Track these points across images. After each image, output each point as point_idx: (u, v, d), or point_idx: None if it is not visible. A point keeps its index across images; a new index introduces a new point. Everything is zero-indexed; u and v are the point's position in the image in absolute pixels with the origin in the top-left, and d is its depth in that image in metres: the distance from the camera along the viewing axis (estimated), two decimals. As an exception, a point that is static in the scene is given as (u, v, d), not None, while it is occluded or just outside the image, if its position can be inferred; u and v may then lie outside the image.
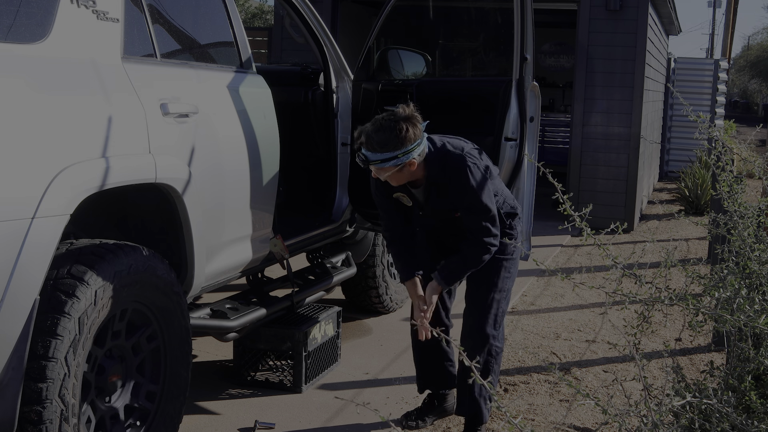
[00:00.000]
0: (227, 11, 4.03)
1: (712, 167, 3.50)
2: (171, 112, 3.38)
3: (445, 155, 3.60)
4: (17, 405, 2.70)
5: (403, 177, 3.57)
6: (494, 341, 3.84)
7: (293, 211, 5.20)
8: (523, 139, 4.53)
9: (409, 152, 3.45)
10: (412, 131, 3.45)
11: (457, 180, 3.58)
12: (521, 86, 4.50)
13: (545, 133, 13.42)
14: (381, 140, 3.43)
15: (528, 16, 4.44)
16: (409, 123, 3.46)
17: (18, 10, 2.92)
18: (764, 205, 3.39)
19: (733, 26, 21.53)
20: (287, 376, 4.45)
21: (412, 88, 5.00)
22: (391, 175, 3.55)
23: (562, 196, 2.82)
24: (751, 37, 66.28)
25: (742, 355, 2.96)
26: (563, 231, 8.92)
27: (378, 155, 3.44)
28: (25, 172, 2.68)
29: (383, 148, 3.43)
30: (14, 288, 2.64)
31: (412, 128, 3.46)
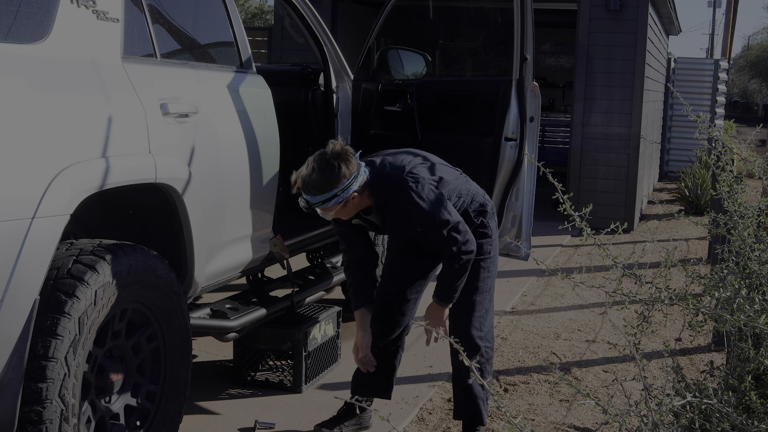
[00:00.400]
0: (227, 11, 4.03)
1: (712, 167, 3.50)
2: (171, 112, 3.38)
3: (386, 178, 3.57)
4: (17, 405, 2.70)
5: (349, 211, 3.56)
6: (482, 342, 3.79)
7: (293, 211, 5.20)
8: (523, 139, 4.53)
9: (347, 188, 3.44)
10: (345, 168, 3.43)
11: (402, 202, 3.54)
12: (521, 86, 4.50)
13: (545, 133, 13.42)
14: (316, 183, 3.41)
15: (528, 16, 4.44)
16: (341, 160, 3.43)
17: (18, 10, 2.92)
18: (764, 205, 3.39)
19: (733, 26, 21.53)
20: (287, 376, 4.45)
21: (412, 88, 5.01)
22: (338, 212, 3.53)
23: (562, 196, 2.82)
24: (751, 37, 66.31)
25: (742, 355, 2.96)
26: (563, 231, 8.92)
27: (318, 197, 3.43)
28: (25, 172, 2.68)
29: (320, 190, 3.42)
30: (14, 288, 2.64)
31: (345, 164, 3.43)
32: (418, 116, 4.94)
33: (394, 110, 5.04)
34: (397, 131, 5.06)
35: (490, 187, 4.58)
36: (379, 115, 5.12)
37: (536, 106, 4.60)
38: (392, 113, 5.05)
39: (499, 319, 5.89)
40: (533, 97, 4.56)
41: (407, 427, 4.11)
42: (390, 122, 5.09)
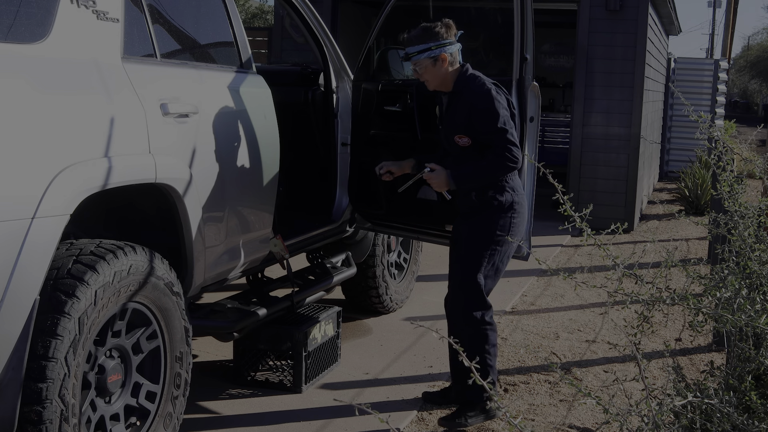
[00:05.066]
0: (227, 11, 4.03)
1: (712, 167, 3.50)
2: (171, 112, 3.38)
3: (472, 78, 4.02)
4: (17, 405, 2.70)
5: (437, 77, 4.02)
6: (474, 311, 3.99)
7: (293, 211, 5.20)
8: (523, 139, 4.52)
9: (441, 46, 3.97)
10: (444, 30, 4.00)
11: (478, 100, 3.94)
12: (521, 86, 4.49)
13: (545, 133, 13.41)
14: (418, 33, 4.00)
15: (528, 16, 4.44)
16: (444, 25, 4.01)
17: (18, 10, 2.92)
18: (765, 205, 3.39)
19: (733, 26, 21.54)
20: (287, 376, 4.45)
21: (412, 88, 5.00)
22: (426, 70, 4.00)
23: (563, 197, 2.82)
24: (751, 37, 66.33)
25: (743, 355, 2.96)
26: (563, 231, 8.92)
27: (415, 47, 3.98)
28: (25, 172, 2.68)
29: (419, 39, 3.98)
30: (14, 288, 2.64)
31: (446, 29, 4.01)
32: (418, 116, 4.93)
33: (394, 110, 5.04)
34: (397, 131, 5.06)
35: (490, 187, 4.57)
36: (379, 115, 5.11)
37: (536, 106, 4.59)
38: (392, 113, 5.04)
39: (499, 319, 5.89)
40: (533, 97, 4.55)
41: (407, 427, 4.11)
42: (390, 122, 5.08)
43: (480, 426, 4.10)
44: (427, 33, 3.98)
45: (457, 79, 4.03)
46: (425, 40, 3.97)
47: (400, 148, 5.08)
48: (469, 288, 3.99)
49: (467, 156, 4.04)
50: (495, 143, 3.91)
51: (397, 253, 6.02)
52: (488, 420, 4.06)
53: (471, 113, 3.96)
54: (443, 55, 3.98)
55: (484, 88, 3.97)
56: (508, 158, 3.90)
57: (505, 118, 3.92)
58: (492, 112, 3.90)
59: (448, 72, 4.02)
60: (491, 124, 3.90)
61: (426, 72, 4.02)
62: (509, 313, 6.14)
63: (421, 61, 3.99)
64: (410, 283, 6.18)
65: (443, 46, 3.98)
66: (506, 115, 3.94)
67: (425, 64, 3.99)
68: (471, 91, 3.98)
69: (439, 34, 3.98)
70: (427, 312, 5.90)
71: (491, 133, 3.91)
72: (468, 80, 4.01)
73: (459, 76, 4.03)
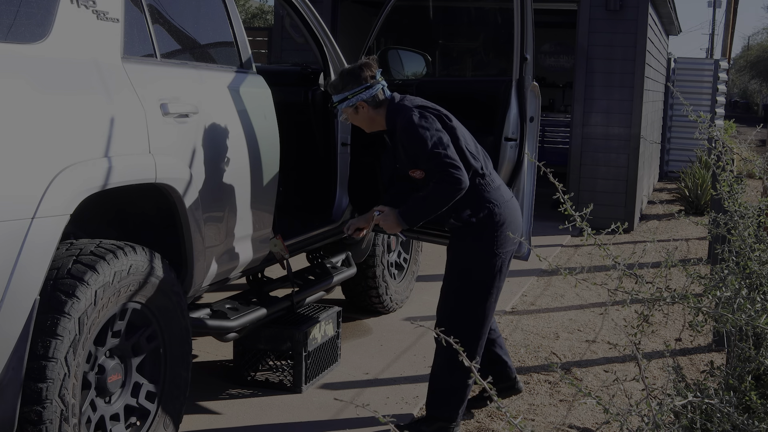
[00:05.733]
0: (227, 11, 4.03)
1: (712, 167, 3.50)
2: (171, 112, 3.38)
3: (397, 111, 3.84)
4: (17, 405, 2.70)
5: (364, 122, 3.92)
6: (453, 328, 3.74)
7: (293, 211, 5.20)
8: (523, 139, 4.52)
9: (356, 94, 3.83)
10: (358, 75, 3.84)
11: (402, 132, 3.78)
12: (521, 86, 4.49)
13: (545, 133, 13.42)
14: (335, 83, 3.91)
15: (528, 16, 4.44)
16: (358, 68, 3.87)
17: (18, 10, 2.92)
18: (764, 205, 3.39)
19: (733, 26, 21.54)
20: (287, 376, 4.45)
21: (412, 88, 5.00)
22: (353, 119, 3.92)
23: (563, 196, 2.82)
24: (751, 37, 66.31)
25: (743, 355, 2.96)
26: (563, 231, 8.92)
27: (335, 97, 3.89)
28: (25, 172, 2.68)
29: (335, 90, 3.89)
30: (14, 288, 2.64)
31: (360, 72, 3.84)
32: (418, 116, 4.93)
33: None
34: (397, 131, 5.06)
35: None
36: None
37: (536, 106, 4.59)
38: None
39: (499, 319, 5.88)
40: (533, 97, 4.55)
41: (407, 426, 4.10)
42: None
43: (480, 426, 4.10)
44: (345, 80, 3.85)
45: (387, 118, 3.86)
46: (341, 90, 3.85)
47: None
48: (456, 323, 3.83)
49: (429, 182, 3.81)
50: (432, 170, 3.68)
51: (397, 253, 6.02)
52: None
53: (404, 148, 3.80)
54: (360, 103, 3.83)
55: (405, 118, 3.77)
56: (449, 181, 3.63)
57: (435, 139, 3.68)
58: (418, 140, 3.69)
59: (374, 115, 3.87)
60: (422, 152, 3.69)
61: (353, 119, 3.92)
62: (509, 313, 6.14)
63: (344, 110, 3.89)
64: (410, 283, 6.18)
65: (358, 93, 3.83)
66: (437, 136, 3.69)
67: (348, 113, 3.89)
68: (398, 127, 3.81)
69: (355, 80, 3.82)
70: (427, 312, 5.90)
71: (426, 160, 3.69)
72: (395, 116, 3.83)
73: (387, 114, 3.86)
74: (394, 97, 3.88)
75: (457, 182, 3.63)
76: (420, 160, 3.74)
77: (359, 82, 3.82)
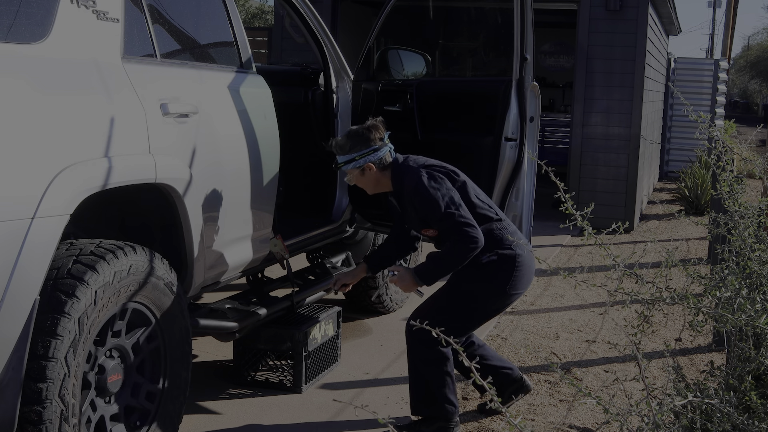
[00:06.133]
0: (227, 11, 4.03)
1: (712, 167, 3.50)
2: (171, 112, 3.38)
3: (404, 172, 3.85)
4: (17, 405, 2.70)
5: (369, 183, 3.91)
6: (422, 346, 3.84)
7: (293, 211, 5.20)
8: (523, 139, 4.53)
9: (364, 155, 3.82)
10: (369, 136, 3.83)
11: (410, 192, 3.80)
12: (521, 86, 4.49)
13: (545, 133, 13.41)
14: (342, 143, 3.86)
15: (528, 16, 4.44)
16: (367, 130, 3.85)
17: (18, 10, 2.92)
18: (765, 205, 3.39)
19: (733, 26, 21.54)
20: (287, 376, 4.45)
21: (412, 88, 5.00)
22: (358, 180, 3.90)
23: (564, 196, 2.82)
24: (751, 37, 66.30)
25: (743, 355, 2.96)
26: (563, 231, 8.92)
27: (341, 158, 3.86)
28: (25, 172, 2.68)
29: (343, 150, 3.84)
30: (14, 288, 2.64)
31: (368, 134, 3.83)
32: (418, 116, 4.94)
33: (394, 110, 5.04)
34: (397, 131, 5.05)
35: (490, 187, 4.57)
36: (379, 115, 5.12)
37: (536, 106, 4.59)
38: (392, 113, 5.04)
39: (499, 319, 5.89)
40: (533, 97, 4.55)
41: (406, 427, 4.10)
42: (390, 122, 5.06)
43: (480, 426, 4.10)
44: (352, 141, 3.83)
45: (393, 179, 3.88)
46: (349, 150, 3.83)
47: (399, 148, 5.08)
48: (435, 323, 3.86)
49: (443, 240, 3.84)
50: (448, 230, 3.71)
51: (397, 253, 6.01)
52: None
53: (416, 210, 3.82)
54: (368, 165, 3.83)
55: (414, 180, 3.77)
56: (466, 241, 3.66)
57: (447, 200, 3.70)
58: (430, 202, 3.71)
59: (380, 177, 3.88)
60: (435, 213, 3.71)
61: (358, 181, 3.90)
62: (509, 313, 6.14)
63: (349, 171, 3.87)
64: (410, 283, 6.17)
65: (367, 155, 3.82)
66: (448, 196, 3.72)
67: (354, 174, 3.87)
68: (407, 189, 3.81)
69: (363, 142, 3.82)
70: (427, 312, 5.89)
71: (440, 221, 3.72)
72: (401, 178, 3.84)
73: (393, 176, 3.87)
74: (397, 158, 3.90)
75: (474, 241, 3.66)
76: (433, 221, 3.76)
77: (368, 143, 3.82)
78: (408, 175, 3.81)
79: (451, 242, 3.70)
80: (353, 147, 3.82)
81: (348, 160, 3.83)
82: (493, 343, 5.37)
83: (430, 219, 3.77)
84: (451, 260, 3.73)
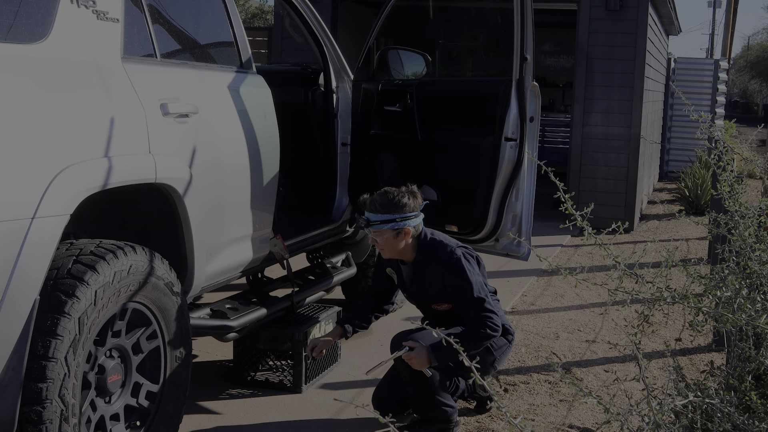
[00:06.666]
0: (227, 11, 4.03)
1: (712, 167, 3.50)
2: (171, 112, 3.38)
3: (435, 245, 3.83)
4: (17, 405, 2.70)
5: (395, 248, 3.81)
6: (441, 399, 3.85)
7: (293, 211, 5.20)
8: (523, 139, 4.52)
9: (406, 219, 3.73)
10: (412, 201, 3.75)
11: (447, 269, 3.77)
12: (521, 86, 4.49)
13: (545, 133, 13.42)
14: (384, 202, 3.73)
15: (528, 16, 4.44)
16: (411, 195, 3.77)
17: (18, 10, 2.92)
18: (765, 205, 3.39)
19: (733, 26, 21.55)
20: (287, 376, 4.45)
21: (412, 88, 5.00)
22: (386, 241, 3.78)
23: (564, 196, 2.82)
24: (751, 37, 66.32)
25: (743, 355, 2.96)
26: (563, 231, 8.92)
27: (378, 216, 3.73)
28: (25, 172, 2.68)
29: (384, 209, 3.72)
30: (14, 288, 2.64)
31: (413, 199, 3.76)
32: (418, 116, 4.94)
33: (394, 110, 5.04)
34: (397, 131, 5.06)
35: (490, 187, 4.57)
36: (379, 115, 5.12)
37: (536, 106, 4.59)
38: (392, 113, 5.05)
39: (499, 319, 5.88)
40: (533, 97, 4.55)
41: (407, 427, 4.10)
42: (390, 122, 5.09)
43: (480, 426, 4.10)
44: (394, 203, 3.72)
45: (418, 249, 3.82)
46: (391, 210, 3.71)
47: (400, 148, 5.09)
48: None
49: (447, 316, 3.87)
50: (473, 313, 3.72)
51: (397, 253, 6.01)
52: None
53: (445, 284, 3.79)
54: (407, 229, 3.75)
55: (453, 257, 3.76)
56: (489, 326, 3.70)
57: (479, 285, 3.74)
58: (466, 282, 3.72)
59: (408, 243, 3.81)
60: (467, 295, 3.72)
61: (386, 243, 3.78)
62: (509, 313, 6.14)
63: (382, 231, 3.74)
64: (410, 283, 6.18)
65: (408, 219, 3.73)
66: (480, 282, 3.77)
67: (387, 235, 3.75)
68: (440, 261, 3.78)
69: (406, 205, 3.72)
70: (427, 312, 5.90)
71: (469, 303, 3.72)
72: (433, 249, 3.81)
73: (420, 245, 3.82)
74: (426, 230, 3.85)
75: (496, 329, 3.73)
76: (459, 300, 3.76)
77: (411, 208, 3.74)
78: (441, 249, 3.79)
79: (474, 325, 3.71)
80: (396, 208, 3.71)
81: (387, 219, 3.70)
82: (493, 343, 5.37)
83: (457, 297, 3.77)
84: (472, 343, 3.67)
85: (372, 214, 3.74)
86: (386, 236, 3.75)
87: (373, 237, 3.79)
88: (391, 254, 3.85)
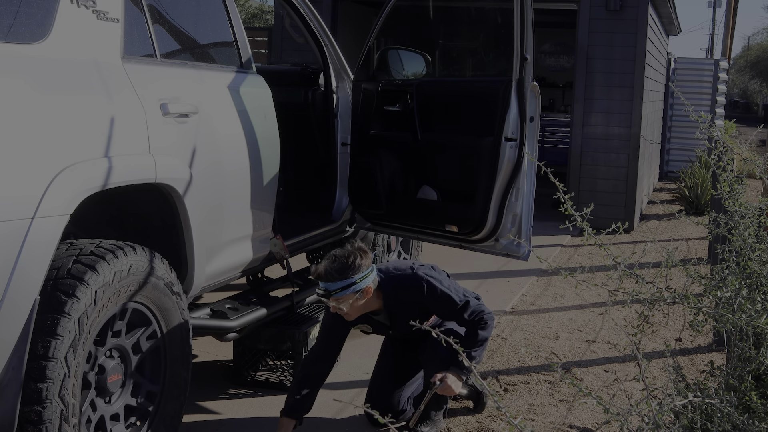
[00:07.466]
0: (227, 11, 4.03)
1: (712, 167, 3.50)
2: (171, 112, 3.38)
3: (397, 278, 3.83)
4: (17, 405, 2.70)
5: (361, 308, 3.78)
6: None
7: (293, 211, 5.20)
8: (523, 139, 4.52)
9: (364, 278, 3.67)
10: (363, 259, 3.68)
11: (418, 294, 3.79)
12: (521, 86, 4.49)
13: (545, 133, 13.41)
14: (339, 268, 3.63)
15: (528, 16, 4.43)
16: (360, 252, 3.70)
17: (18, 10, 2.92)
18: (765, 205, 3.39)
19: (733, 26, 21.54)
20: (287, 376, 4.45)
21: (412, 88, 5.00)
22: (351, 306, 3.71)
23: (564, 196, 2.82)
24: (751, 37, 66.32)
25: (743, 355, 2.96)
26: (563, 231, 8.92)
27: (338, 284, 3.63)
28: (26, 172, 2.68)
29: (341, 275, 3.63)
30: (14, 288, 2.64)
31: (364, 256, 3.69)
32: (418, 116, 4.93)
33: (394, 110, 5.04)
34: (397, 131, 5.06)
35: (490, 187, 4.57)
36: (379, 115, 5.11)
37: (536, 106, 4.59)
38: (392, 113, 5.04)
39: (499, 319, 5.88)
40: (533, 97, 4.55)
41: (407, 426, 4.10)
42: (390, 122, 5.08)
43: (480, 426, 4.10)
44: (349, 266, 3.64)
45: (383, 295, 3.80)
46: (348, 275, 3.62)
47: (400, 148, 5.08)
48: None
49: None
50: (467, 318, 3.80)
51: (397, 253, 6.02)
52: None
53: (428, 307, 3.85)
54: (368, 288, 3.69)
55: (418, 281, 3.79)
56: (490, 318, 3.81)
57: (454, 290, 3.81)
58: (445, 296, 3.78)
59: (371, 297, 3.76)
60: (452, 306, 3.80)
61: (351, 307, 3.72)
62: (509, 313, 6.14)
63: (345, 297, 3.66)
64: (410, 283, 6.17)
65: (367, 277, 3.68)
66: (451, 286, 3.83)
67: (350, 300, 3.68)
68: (410, 291, 3.80)
69: (361, 266, 3.65)
70: (427, 312, 5.89)
71: (460, 310, 3.80)
72: (396, 286, 3.80)
73: (383, 291, 3.80)
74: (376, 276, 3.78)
75: (492, 316, 3.84)
76: (448, 312, 3.86)
77: (365, 266, 3.68)
78: (403, 281, 3.80)
79: (476, 325, 3.79)
80: (352, 270, 3.63)
81: (348, 284, 3.62)
82: (493, 343, 5.37)
83: (443, 312, 3.87)
84: (486, 339, 3.81)
85: (330, 284, 3.63)
86: (349, 301, 3.68)
87: (335, 305, 3.69)
88: (357, 314, 3.81)
